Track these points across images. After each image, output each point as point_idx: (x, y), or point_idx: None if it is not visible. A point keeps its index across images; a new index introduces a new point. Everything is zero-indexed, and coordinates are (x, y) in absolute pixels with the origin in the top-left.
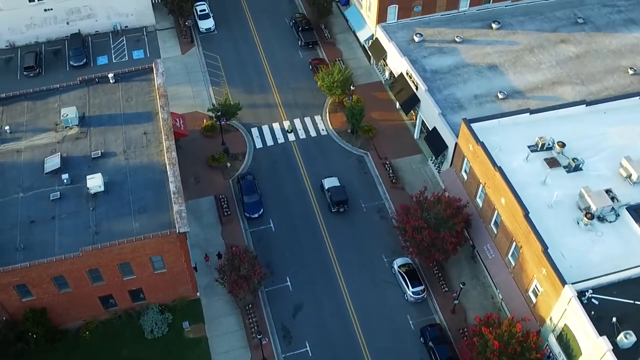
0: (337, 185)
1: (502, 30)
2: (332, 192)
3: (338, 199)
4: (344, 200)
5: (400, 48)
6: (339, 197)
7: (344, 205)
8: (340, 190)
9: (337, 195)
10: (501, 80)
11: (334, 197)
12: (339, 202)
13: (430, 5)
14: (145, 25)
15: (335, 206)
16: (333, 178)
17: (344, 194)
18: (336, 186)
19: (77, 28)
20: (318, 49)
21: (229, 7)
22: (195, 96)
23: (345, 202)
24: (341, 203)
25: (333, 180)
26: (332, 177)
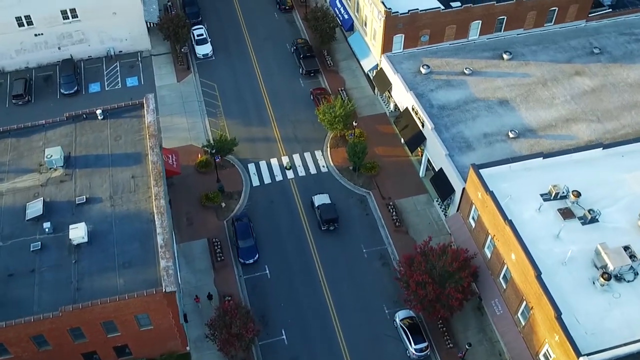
0: (328, 202)
1: (514, 61)
2: (322, 209)
3: (328, 217)
4: (335, 218)
5: (406, 81)
6: (329, 215)
7: (334, 223)
8: (330, 208)
9: (327, 213)
10: (512, 116)
11: (323, 214)
12: (329, 221)
13: (438, 35)
14: (140, 50)
15: (325, 224)
16: (324, 195)
17: (334, 212)
18: (326, 204)
19: (69, 53)
20: (320, 77)
21: (228, 32)
22: (190, 128)
23: (336, 221)
24: (331, 221)
25: (323, 197)
26: (323, 194)
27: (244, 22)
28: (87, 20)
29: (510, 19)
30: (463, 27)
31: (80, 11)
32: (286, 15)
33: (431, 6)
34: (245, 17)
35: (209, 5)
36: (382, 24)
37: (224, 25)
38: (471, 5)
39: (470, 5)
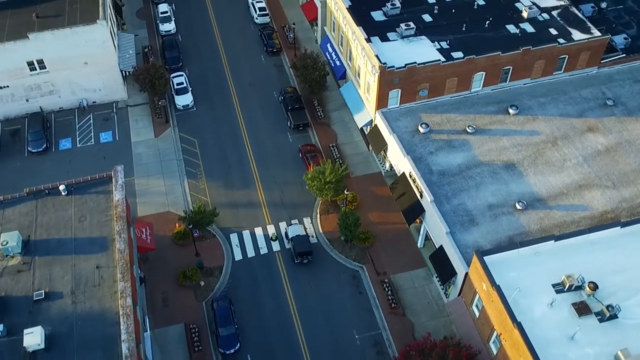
0: (302, 234)
1: (521, 115)
2: (296, 242)
3: (301, 250)
4: (308, 251)
5: (404, 142)
6: (302, 248)
7: (308, 256)
8: (304, 240)
9: (300, 247)
10: (520, 183)
11: (297, 247)
12: (302, 254)
13: (438, 88)
14: (115, 100)
15: (298, 257)
16: (297, 226)
17: (308, 245)
18: (300, 235)
19: (38, 105)
20: (310, 132)
21: (211, 78)
22: (168, 191)
23: (309, 254)
24: (305, 254)
25: (297, 229)
26: (297, 225)
27: (228, 66)
28: (57, 72)
29: (517, 68)
30: (465, 79)
31: (48, 62)
32: (274, 59)
33: (430, 59)
34: (229, 61)
35: (191, 48)
36: (376, 79)
37: (206, 70)
38: (474, 57)
39: (473, 56)
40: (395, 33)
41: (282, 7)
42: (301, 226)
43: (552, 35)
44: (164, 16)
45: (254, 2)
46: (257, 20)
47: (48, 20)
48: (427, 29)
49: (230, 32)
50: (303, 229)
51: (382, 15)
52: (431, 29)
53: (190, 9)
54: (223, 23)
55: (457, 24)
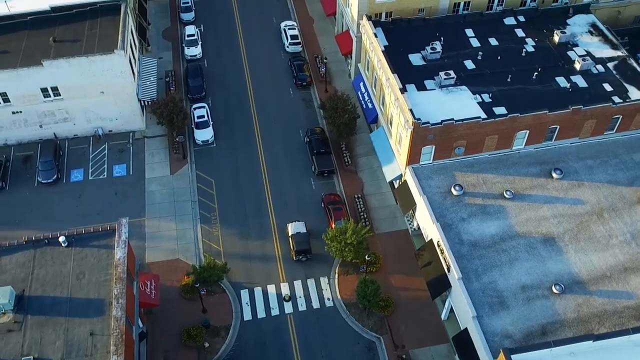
0: (303, 232)
1: (565, 180)
2: (296, 239)
3: (300, 248)
4: (307, 249)
5: (434, 205)
6: (301, 246)
7: (307, 254)
8: (304, 238)
9: (300, 245)
10: (558, 262)
11: (297, 245)
12: (301, 252)
13: (476, 145)
14: (132, 130)
15: (297, 255)
16: (300, 223)
17: (307, 243)
18: (301, 233)
19: (52, 132)
20: (335, 179)
21: (235, 111)
22: (179, 236)
23: (309, 252)
24: (304, 252)
25: (299, 226)
26: (299, 222)
27: (254, 98)
28: (71, 99)
29: (564, 127)
30: (507, 137)
31: (63, 90)
32: (303, 93)
33: (470, 114)
34: (255, 92)
35: (216, 75)
36: (409, 134)
37: (230, 101)
38: (518, 115)
39: (517, 114)
40: (434, 82)
41: (316, 35)
42: (303, 223)
43: (606, 91)
44: (190, 39)
45: (286, 29)
46: (288, 48)
47: (65, 45)
48: (469, 78)
49: (259, 59)
50: (304, 227)
51: (421, 60)
52: (473, 78)
53: (219, 32)
54: (252, 49)
55: (502, 73)
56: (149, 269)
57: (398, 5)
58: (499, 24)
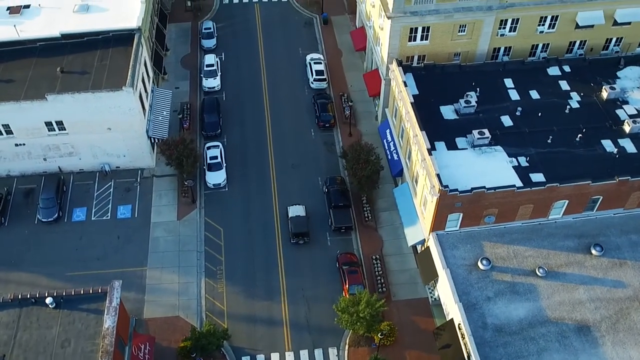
0: (302, 215)
1: (605, 258)
2: (294, 222)
3: (298, 230)
4: (305, 232)
5: (457, 280)
6: (299, 229)
7: (304, 237)
8: (302, 221)
9: (297, 227)
10: (592, 355)
11: (294, 228)
12: (299, 234)
13: (508, 214)
14: (141, 168)
15: (294, 237)
16: (299, 207)
17: (304, 226)
18: (299, 216)
19: (56, 165)
20: (353, 235)
21: (251, 152)
22: (181, 291)
23: (306, 235)
24: (301, 235)
25: (298, 209)
26: (299, 206)
27: (272, 138)
28: (77, 134)
29: (608, 198)
30: (543, 207)
31: (68, 124)
32: (325, 135)
33: (504, 181)
34: (274, 132)
35: (234, 111)
36: (434, 200)
37: (247, 140)
38: (557, 185)
39: (556, 184)
40: (466, 140)
41: (343, 71)
42: (302, 207)
43: None
44: (209, 70)
45: (312, 62)
46: (312, 84)
47: (72, 77)
48: (505, 137)
49: (281, 95)
50: (304, 210)
51: (454, 113)
52: (510, 137)
53: (240, 62)
54: (275, 83)
55: (542, 132)
56: (146, 325)
57: (432, 49)
58: (542, 74)
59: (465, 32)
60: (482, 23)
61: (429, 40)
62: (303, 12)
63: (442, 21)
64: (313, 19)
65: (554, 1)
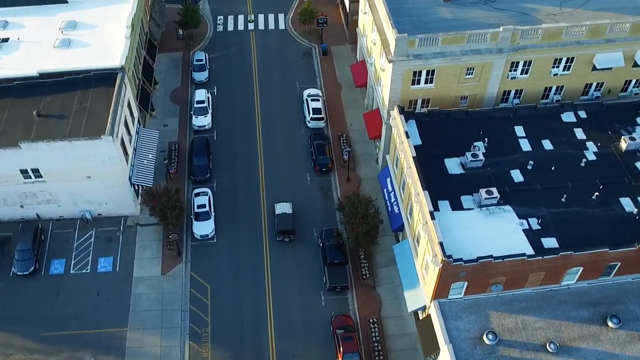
0: (288, 212)
1: (623, 330)
2: (279, 219)
3: (283, 228)
4: (291, 230)
5: (460, 356)
6: (284, 226)
7: (290, 235)
8: (287, 218)
9: (282, 224)
10: None
11: (279, 225)
12: (284, 232)
13: (517, 282)
14: (124, 215)
15: (280, 235)
16: (286, 204)
17: (290, 224)
18: (286, 214)
19: (34, 212)
20: (349, 294)
21: (242, 200)
22: (163, 356)
23: (292, 232)
24: (287, 233)
25: (285, 207)
26: (286, 203)
27: (265, 184)
28: (54, 182)
29: (627, 264)
30: (555, 274)
31: (45, 172)
32: (321, 180)
33: (513, 249)
34: (267, 176)
35: (225, 152)
36: (437, 270)
37: (238, 186)
38: (572, 253)
39: (570, 252)
40: (472, 199)
41: (343, 107)
42: (289, 204)
43: None
44: (200, 107)
45: (309, 99)
46: (309, 123)
47: (49, 121)
48: (515, 195)
49: (276, 134)
50: (291, 208)
51: (459, 167)
52: (520, 195)
53: (233, 96)
54: (269, 121)
55: (555, 189)
56: None
57: (437, 92)
58: (556, 121)
59: (473, 75)
60: (491, 66)
61: (434, 83)
62: (301, 41)
63: (449, 64)
64: (312, 49)
65: (569, 43)
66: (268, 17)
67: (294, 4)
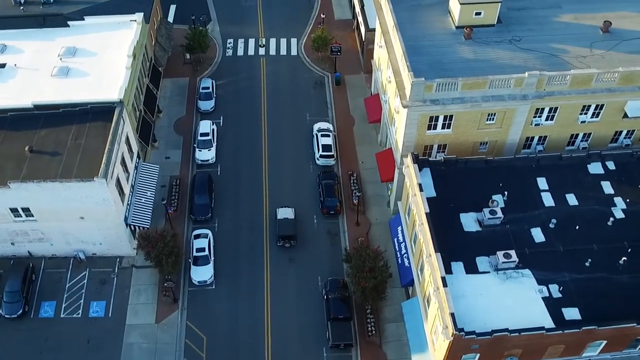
0: (290, 218)
1: None
2: (280, 224)
3: (284, 233)
4: (292, 235)
5: None
6: (285, 231)
7: (291, 240)
8: (289, 224)
9: (283, 230)
10: None
11: (280, 230)
12: (285, 237)
13: (534, 355)
14: (119, 256)
15: (280, 240)
16: (288, 209)
17: (291, 229)
18: (287, 219)
19: (26, 250)
20: (353, 353)
21: (243, 243)
22: None
23: (293, 238)
24: (287, 238)
25: (287, 212)
26: (288, 208)
27: (269, 226)
28: (46, 222)
29: None
30: (576, 347)
31: (36, 212)
32: (329, 224)
33: (531, 321)
34: (272, 219)
35: (228, 188)
36: (447, 342)
37: (241, 228)
38: (596, 328)
39: (594, 327)
40: (488, 260)
41: (355, 143)
42: (292, 210)
43: None
44: (204, 140)
45: (319, 134)
46: (318, 161)
47: (42, 158)
48: (535, 258)
49: (283, 171)
50: (292, 213)
51: (476, 223)
52: (540, 257)
53: (240, 128)
54: (277, 156)
55: (578, 252)
56: None
57: (455, 138)
58: (582, 172)
59: (494, 121)
60: (514, 112)
61: (451, 128)
62: (314, 69)
63: (468, 110)
64: (325, 77)
65: (600, 90)
66: (280, 41)
67: (307, 27)
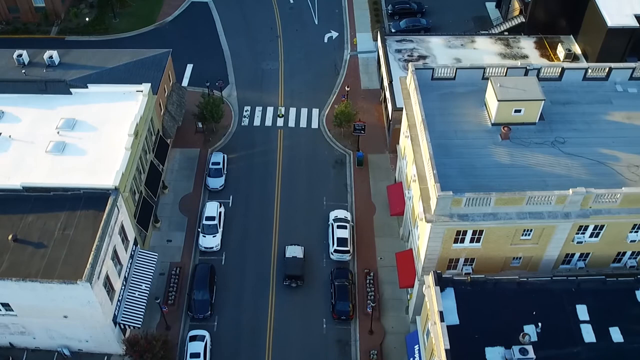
0: (298, 257)
1: None
2: (288, 263)
3: (291, 273)
4: (299, 275)
5: None
6: (292, 271)
7: (297, 281)
8: (296, 263)
9: (291, 269)
10: None
11: (287, 269)
12: (292, 277)
13: None
14: (107, 354)
15: (287, 279)
16: (297, 247)
17: (299, 269)
18: (295, 257)
19: (7, 341)
20: None
21: (243, 350)
22: None
23: (300, 278)
24: (294, 278)
25: (296, 250)
26: (297, 246)
27: (273, 332)
28: (27, 317)
29: None
30: None
31: (16, 308)
32: (340, 330)
33: None
34: (278, 321)
35: (233, 283)
36: None
37: (242, 331)
38: None
39: None
40: None
41: (374, 235)
42: (301, 248)
43: None
44: (209, 224)
45: (334, 224)
46: (332, 255)
47: (25, 250)
48: None
49: None
50: (302, 252)
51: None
52: None
53: (250, 211)
54: (288, 237)
55: None
56: None
57: (484, 252)
58: (629, 300)
59: (530, 237)
60: (553, 229)
61: (481, 243)
62: (335, 145)
63: (501, 225)
64: (346, 156)
65: None
66: (300, 111)
67: (332, 96)
